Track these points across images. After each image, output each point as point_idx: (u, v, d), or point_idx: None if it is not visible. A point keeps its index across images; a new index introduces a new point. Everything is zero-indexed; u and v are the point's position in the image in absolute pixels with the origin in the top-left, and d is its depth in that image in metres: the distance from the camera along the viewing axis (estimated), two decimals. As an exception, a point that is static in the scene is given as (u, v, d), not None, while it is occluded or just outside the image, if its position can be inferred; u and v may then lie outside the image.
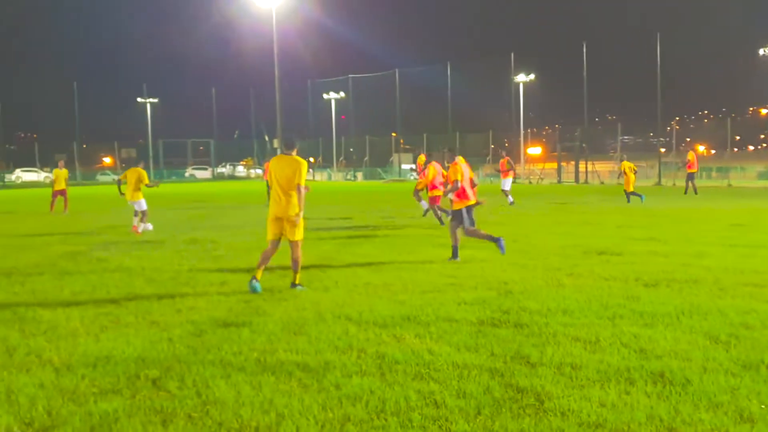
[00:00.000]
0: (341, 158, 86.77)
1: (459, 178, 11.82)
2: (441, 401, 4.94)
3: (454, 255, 11.91)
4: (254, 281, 9.20)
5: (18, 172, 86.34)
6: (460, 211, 11.95)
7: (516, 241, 14.41)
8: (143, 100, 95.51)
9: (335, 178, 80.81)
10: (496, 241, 12.01)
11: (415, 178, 21.31)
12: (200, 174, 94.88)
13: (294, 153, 9.36)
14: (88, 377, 5.56)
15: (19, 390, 5.22)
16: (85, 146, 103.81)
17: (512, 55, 69.65)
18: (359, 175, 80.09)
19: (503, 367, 5.74)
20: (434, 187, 18.18)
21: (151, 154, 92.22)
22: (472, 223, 11.99)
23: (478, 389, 5.19)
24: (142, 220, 17.61)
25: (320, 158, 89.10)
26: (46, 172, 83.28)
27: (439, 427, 4.52)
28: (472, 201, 12.00)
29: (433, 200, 18.42)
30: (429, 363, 5.85)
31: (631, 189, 26.94)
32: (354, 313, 7.77)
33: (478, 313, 7.67)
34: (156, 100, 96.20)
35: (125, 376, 5.59)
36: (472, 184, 12.13)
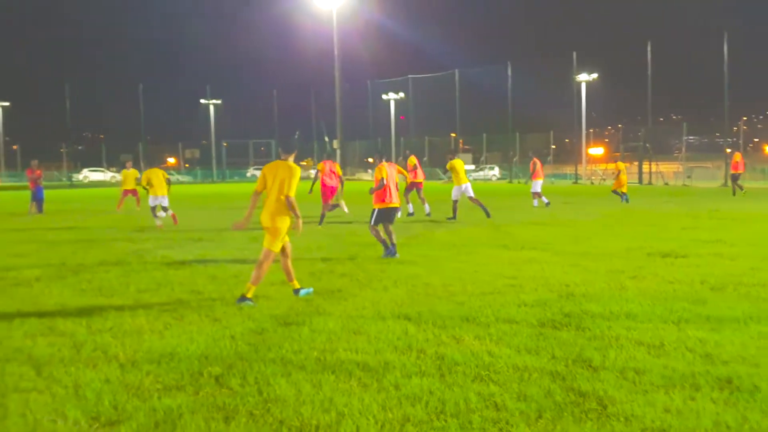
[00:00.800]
0: (400, 158, 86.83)
1: (384, 176, 12.78)
2: (501, 404, 4.90)
3: (388, 251, 12.60)
4: (300, 291, 9.03)
5: (85, 171, 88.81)
6: (376, 210, 12.80)
7: (577, 243, 14.23)
8: (206, 102, 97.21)
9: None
10: (386, 248, 12.64)
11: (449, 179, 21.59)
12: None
13: (290, 159, 8.91)
14: (153, 373, 5.68)
15: (86, 385, 5.36)
16: (150, 147, 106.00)
17: (574, 54, 68.70)
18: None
19: (565, 370, 5.66)
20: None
21: (214, 154, 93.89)
22: (377, 223, 12.84)
23: (539, 392, 5.14)
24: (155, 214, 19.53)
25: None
26: (112, 171, 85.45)
27: (500, 429, 4.48)
28: (393, 204, 12.89)
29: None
30: (489, 365, 5.81)
31: (625, 190, 28.32)
32: (413, 313, 7.76)
33: (539, 316, 7.59)
34: (219, 102, 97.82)
35: (188, 372, 5.70)
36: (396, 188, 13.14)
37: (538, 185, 26.60)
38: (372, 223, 12.91)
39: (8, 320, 7.62)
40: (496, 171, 75.59)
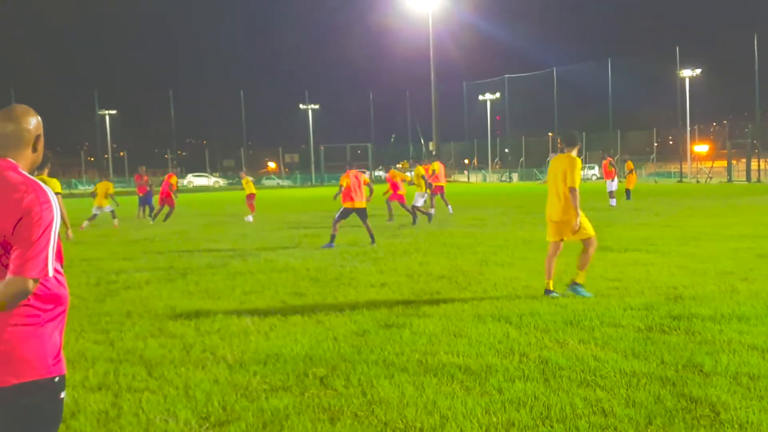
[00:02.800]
0: (496, 159, 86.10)
1: (344, 184, 15.30)
2: (609, 410, 4.79)
3: (329, 244, 14.92)
4: (553, 292, 8.87)
5: (190, 177, 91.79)
6: (343, 208, 15.26)
7: (683, 244, 13.75)
8: (305, 107, 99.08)
9: (490, 180, 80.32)
10: (330, 242, 15.05)
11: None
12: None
13: (574, 152, 9.02)
14: (260, 374, 5.81)
15: (196, 385, 5.53)
16: (250, 152, 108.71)
17: (677, 48, 66.54)
18: (515, 176, 79.18)
19: (674, 375, 5.48)
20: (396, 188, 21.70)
21: (312, 159, 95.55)
22: (340, 219, 15.24)
23: (648, 398, 4.99)
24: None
25: (475, 160, 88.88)
26: (215, 177, 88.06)
27: (608, 436, 4.38)
28: (358, 204, 15.24)
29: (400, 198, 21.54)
30: (595, 369, 5.68)
31: (632, 187, 28.95)
32: (514, 316, 7.67)
33: (646, 319, 7.37)
34: (317, 106, 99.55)
35: (294, 373, 5.80)
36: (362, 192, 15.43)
37: (613, 185, 27.26)
38: (337, 218, 15.21)
39: (120, 322, 7.95)
40: (596, 170, 73.91)
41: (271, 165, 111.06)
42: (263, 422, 4.77)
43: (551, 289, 8.90)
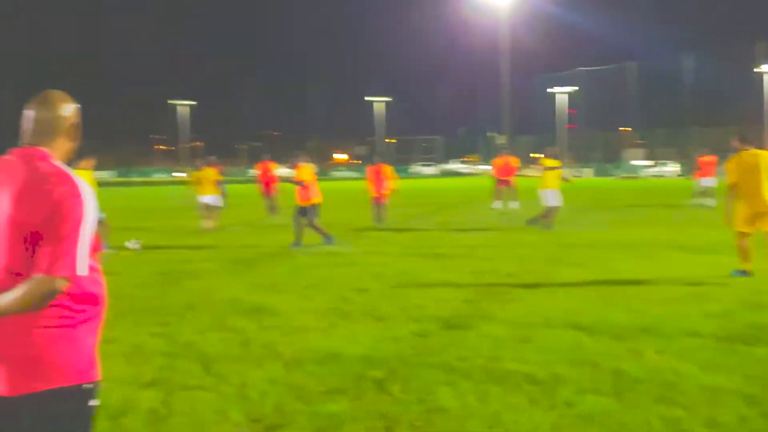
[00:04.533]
0: (570, 154, 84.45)
1: (304, 177, 14.11)
2: (689, 430, 4.41)
3: (296, 243, 13.92)
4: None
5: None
6: (304, 207, 14.04)
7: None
8: (374, 99, 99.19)
9: (563, 175, 78.85)
10: (327, 238, 14.09)
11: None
12: (427, 170, 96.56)
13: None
14: (316, 374, 5.60)
15: (251, 384, 5.35)
16: (320, 143, 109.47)
17: (758, 43, 64.00)
18: (588, 171, 77.55)
19: (761, 393, 5.04)
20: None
21: (381, 151, 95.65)
22: (299, 217, 14.13)
23: (731, 418, 4.59)
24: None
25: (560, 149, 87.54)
26: (285, 167, 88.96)
27: (688, 461, 4.01)
28: (314, 201, 14.13)
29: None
30: (673, 384, 5.28)
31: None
32: (586, 321, 7.28)
33: (728, 328, 6.89)
34: (387, 99, 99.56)
35: (351, 375, 5.57)
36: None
37: (709, 181, 25.17)
38: (296, 215, 14.19)
39: (180, 314, 7.86)
40: (674, 167, 71.82)
41: (341, 156, 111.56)
42: (318, 427, 4.55)
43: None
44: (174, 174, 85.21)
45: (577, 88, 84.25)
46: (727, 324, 7.07)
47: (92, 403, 2.53)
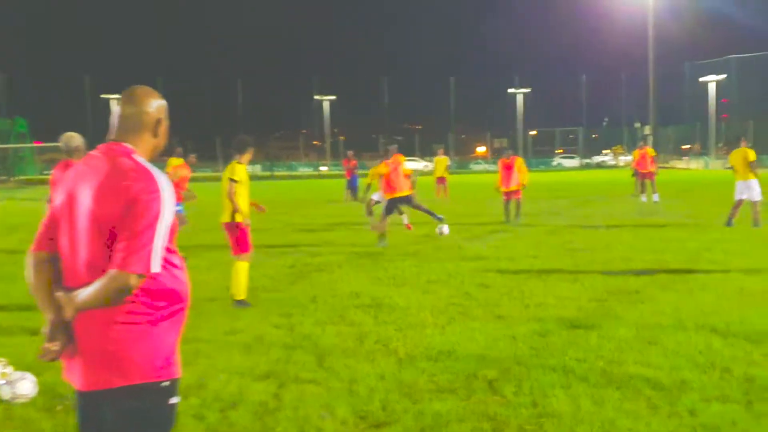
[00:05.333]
0: (720, 144, 79.99)
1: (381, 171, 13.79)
2: (825, 448, 4.02)
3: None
4: None
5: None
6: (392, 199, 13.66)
7: None
8: (515, 91, 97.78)
9: (713, 167, 74.78)
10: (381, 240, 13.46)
11: None
12: (568, 163, 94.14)
13: None
14: (428, 372, 5.53)
15: (361, 380, 5.35)
16: (460, 136, 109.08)
17: None
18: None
19: None
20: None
21: (521, 144, 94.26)
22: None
23: None
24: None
25: (697, 145, 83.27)
26: (426, 161, 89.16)
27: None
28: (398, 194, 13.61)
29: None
30: (812, 395, 4.84)
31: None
32: (720, 323, 6.82)
33: None
34: (527, 90, 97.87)
35: (463, 374, 5.46)
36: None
37: None
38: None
39: (303, 306, 8.00)
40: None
41: (481, 149, 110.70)
42: (422, 427, 4.48)
43: None
44: (321, 168, 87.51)
45: (725, 75, 79.61)
46: None
47: (172, 400, 2.56)
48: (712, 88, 79.78)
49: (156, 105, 2.67)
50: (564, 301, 8.06)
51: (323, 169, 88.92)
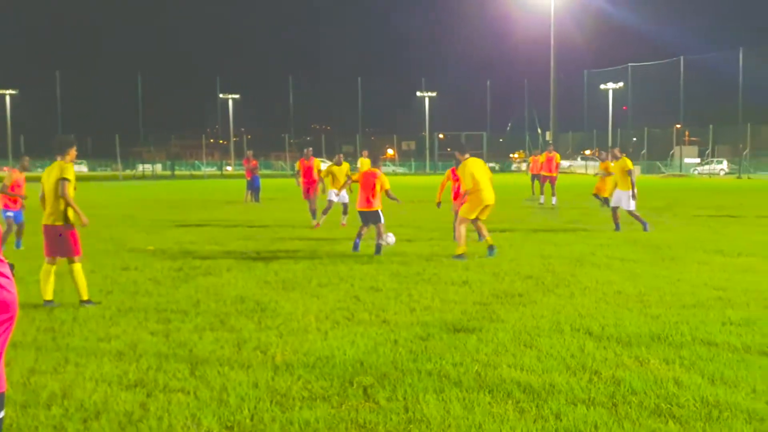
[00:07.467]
0: (617, 148, 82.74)
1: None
2: (678, 449, 4.14)
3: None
4: None
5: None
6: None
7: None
8: (422, 94, 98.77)
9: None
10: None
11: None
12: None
13: None
14: (303, 379, 5.45)
15: (233, 388, 5.22)
16: (368, 138, 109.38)
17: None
18: (637, 168, 75.99)
19: (763, 409, 4.74)
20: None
21: (428, 146, 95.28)
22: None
23: (728, 436, 4.32)
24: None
25: (596, 150, 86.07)
26: (330, 161, 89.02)
27: (670, 483, 3.75)
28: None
29: None
30: (672, 396, 5.00)
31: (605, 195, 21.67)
32: (596, 326, 7.01)
33: (745, 338, 6.55)
34: (434, 94, 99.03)
35: (339, 381, 5.41)
36: None
37: None
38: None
39: (184, 312, 7.79)
40: (725, 165, 70.02)
41: (390, 152, 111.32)
42: (289, 436, 4.40)
43: None
44: (226, 168, 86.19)
45: (622, 83, 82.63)
46: (746, 333, 6.73)
47: None
48: (609, 96, 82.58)
49: None
50: (450, 305, 8.13)
51: (228, 169, 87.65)
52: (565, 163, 68.24)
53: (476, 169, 11.97)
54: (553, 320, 7.31)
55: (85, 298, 8.12)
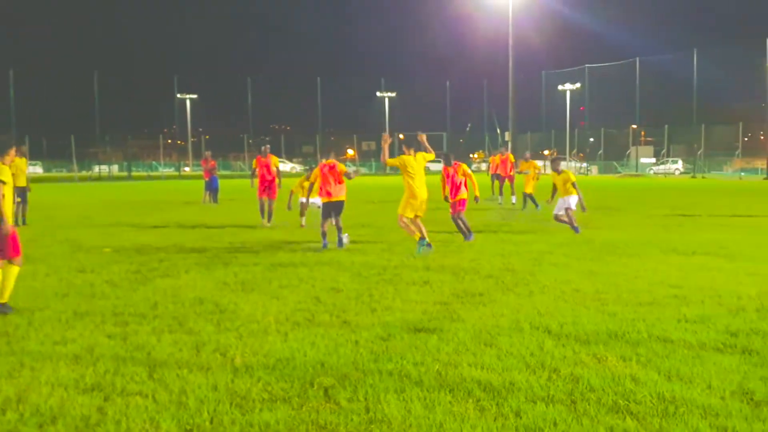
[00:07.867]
0: (574, 150, 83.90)
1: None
2: (635, 444, 4.20)
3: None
4: None
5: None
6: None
7: (761, 248, 12.77)
8: (382, 94, 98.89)
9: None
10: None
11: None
12: (434, 166, 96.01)
13: None
14: (263, 381, 5.41)
15: (192, 391, 5.16)
16: (327, 139, 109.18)
17: (767, 40, 63.43)
18: (594, 168, 77.06)
19: (719, 404, 4.83)
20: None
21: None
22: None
23: (681, 431, 4.38)
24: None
25: (554, 151, 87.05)
26: (294, 162, 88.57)
27: (628, 478, 3.81)
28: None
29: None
30: (630, 393, 5.08)
31: (530, 191, 22.84)
32: (554, 324, 7.08)
33: (700, 334, 6.68)
34: (393, 94, 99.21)
35: (300, 382, 5.38)
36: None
37: None
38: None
39: (142, 314, 7.69)
40: (680, 165, 71.36)
41: (350, 152, 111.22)
42: (249, 438, 4.37)
43: None
44: (184, 169, 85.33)
45: (579, 84, 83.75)
46: (701, 330, 6.86)
47: None
48: (567, 97, 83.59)
49: None
50: (411, 305, 8.14)
51: (186, 169, 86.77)
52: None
53: (416, 164, 12.64)
54: (512, 319, 7.37)
55: (3, 302, 7.85)
